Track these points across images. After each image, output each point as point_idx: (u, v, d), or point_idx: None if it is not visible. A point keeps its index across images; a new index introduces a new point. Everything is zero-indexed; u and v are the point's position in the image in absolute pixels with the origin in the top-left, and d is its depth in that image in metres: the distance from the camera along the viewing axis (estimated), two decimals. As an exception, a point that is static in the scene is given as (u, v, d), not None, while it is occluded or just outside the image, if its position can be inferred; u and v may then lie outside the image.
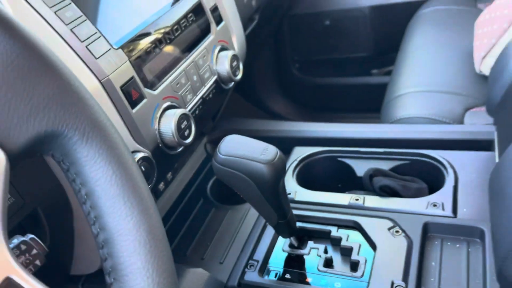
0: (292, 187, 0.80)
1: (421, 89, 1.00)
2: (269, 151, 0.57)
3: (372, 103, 1.39)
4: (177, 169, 0.88)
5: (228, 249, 0.74)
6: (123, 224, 0.29)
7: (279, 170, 0.57)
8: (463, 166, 0.75)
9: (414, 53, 1.15)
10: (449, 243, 0.64)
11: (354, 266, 0.64)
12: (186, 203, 0.87)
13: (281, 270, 0.67)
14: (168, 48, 0.69)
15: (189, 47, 0.73)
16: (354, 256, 0.64)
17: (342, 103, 1.78)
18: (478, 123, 0.88)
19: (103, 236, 0.29)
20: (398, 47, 1.31)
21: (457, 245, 0.64)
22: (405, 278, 0.59)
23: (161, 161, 0.67)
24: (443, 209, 0.68)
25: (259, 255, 0.69)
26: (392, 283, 0.59)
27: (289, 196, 0.77)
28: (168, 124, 0.64)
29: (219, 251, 0.75)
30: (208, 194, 0.89)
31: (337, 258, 0.66)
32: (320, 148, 0.87)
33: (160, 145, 0.66)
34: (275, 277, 0.66)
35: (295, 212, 0.68)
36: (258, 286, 0.64)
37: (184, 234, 0.81)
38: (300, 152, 0.88)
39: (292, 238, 0.67)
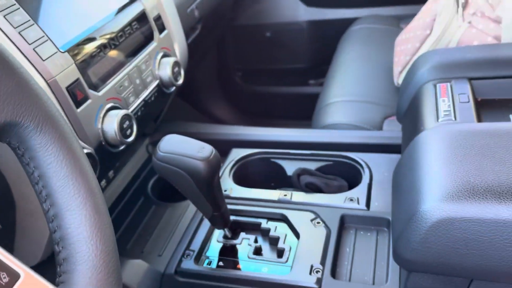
0: (228, 185, 0.87)
1: (347, 99, 1.11)
2: (205, 149, 0.64)
3: (309, 111, 1.50)
4: (119, 168, 0.92)
5: (167, 243, 0.80)
6: (71, 201, 0.34)
7: (214, 167, 0.63)
8: (378, 167, 0.86)
9: (343, 66, 1.27)
10: (361, 232, 0.74)
11: (280, 253, 0.71)
12: (127, 201, 0.91)
13: (216, 259, 0.73)
14: (113, 53, 0.73)
15: (133, 53, 0.78)
16: (280, 245, 0.72)
17: (282, 111, 1.88)
18: (395, 129, 1.00)
19: (53, 211, 0.34)
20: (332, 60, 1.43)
21: (368, 234, 0.73)
22: (323, 261, 0.68)
23: (103, 159, 0.72)
24: (358, 203, 0.77)
25: (195, 245, 0.75)
26: (312, 266, 0.67)
27: (225, 192, 0.84)
28: (111, 123, 0.69)
29: (158, 245, 0.80)
30: (149, 193, 0.94)
31: (265, 247, 0.74)
32: (255, 150, 0.95)
33: (103, 143, 0.70)
34: (210, 264, 0.72)
35: (230, 207, 0.75)
36: (194, 273, 0.70)
37: (125, 230, 0.85)
38: (237, 154, 0.95)
39: (226, 229, 0.74)
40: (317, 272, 0.66)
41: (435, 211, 0.51)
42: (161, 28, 0.87)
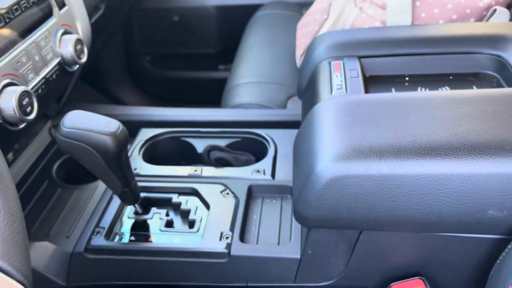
0: (138, 164, 0.87)
1: (254, 80, 1.16)
2: (112, 124, 0.64)
3: (219, 96, 1.53)
4: (19, 151, 0.88)
5: (75, 224, 0.78)
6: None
7: (121, 141, 0.64)
8: (282, 141, 0.92)
9: (250, 50, 1.32)
10: (267, 200, 0.79)
11: (191, 224, 0.74)
12: (29, 185, 0.87)
13: (127, 234, 0.74)
14: (7, 28, 0.70)
15: (31, 28, 0.75)
16: (191, 216, 0.75)
17: (192, 95, 1.89)
18: (297, 108, 1.07)
19: None
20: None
21: (274, 201, 0.79)
22: (232, 228, 0.72)
23: (1, 139, 0.68)
24: (264, 174, 0.82)
25: (106, 223, 0.75)
26: (221, 233, 0.71)
27: (135, 171, 0.84)
28: (9, 100, 0.66)
29: (65, 227, 0.78)
30: (53, 176, 0.91)
31: (177, 220, 0.76)
32: (164, 129, 0.96)
33: (1, 121, 0.67)
34: (121, 240, 0.73)
35: (140, 184, 0.76)
36: (104, 249, 0.70)
37: (28, 214, 0.82)
38: (146, 134, 0.96)
39: (136, 205, 0.75)
40: (226, 238, 0.70)
41: (328, 170, 0.57)
42: (61, 4, 0.83)
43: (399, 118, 0.60)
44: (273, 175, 0.83)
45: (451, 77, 0.78)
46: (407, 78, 0.79)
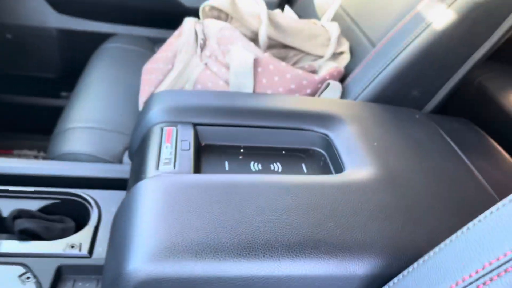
0: None
1: (89, 125, 1.04)
2: None
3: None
4: None
5: None
6: None
7: None
8: (109, 205, 0.82)
9: (90, 87, 1.19)
10: (80, 283, 0.68)
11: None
12: None
13: None
14: None
15: None
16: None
17: (29, 123, 1.66)
18: (135, 161, 0.98)
19: None
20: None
21: (87, 284, 0.68)
22: (27, 326, 0.60)
23: None
24: (80, 249, 0.72)
25: None
26: (11, 335, 0.58)
27: None
28: None
29: None
30: None
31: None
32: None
33: None
34: None
35: None
36: None
37: None
38: None
39: None
40: None
41: (138, 272, 0.50)
42: None
43: (223, 208, 0.57)
44: (90, 251, 0.72)
45: (283, 152, 0.78)
46: (241, 150, 0.77)
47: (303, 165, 0.75)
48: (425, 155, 0.75)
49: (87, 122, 1.05)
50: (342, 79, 1.01)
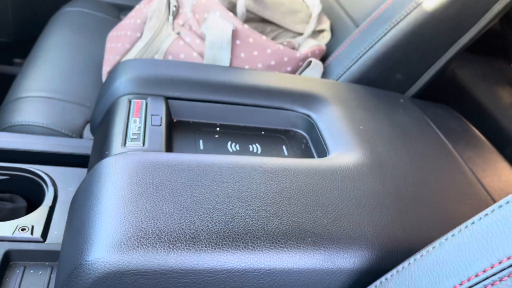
0: None
1: (45, 95, 0.94)
2: None
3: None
4: None
5: None
6: None
7: None
8: (67, 183, 0.74)
9: (46, 53, 1.08)
10: (31, 271, 0.60)
11: None
12: None
13: None
14: None
15: None
16: None
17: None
18: (96, 136, 0.89)
19: None
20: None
21: (40, 272, 0.61)
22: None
23: None
24: (32, 233, 0.63)
25: None
26: None
27: None
28: None
29: None
30: None
31: None
32: None
33: None
34: None
35: None
36: None
37: None
38: None
39: None
40: None
41: (101, 263, 0.43)
42: None
43: (199, 193, 0.50)
44: (44, 234, 0.64)
45: (263, 132, 0.72)
46: (218, 129, 0.70)
47: (284, 147, 0.70)
48: (412, 141, 0.71)
49: (43, 92, 0.95)
50: (323, 58, 0.96)
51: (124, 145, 0.58)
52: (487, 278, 0.37)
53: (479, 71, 1.40)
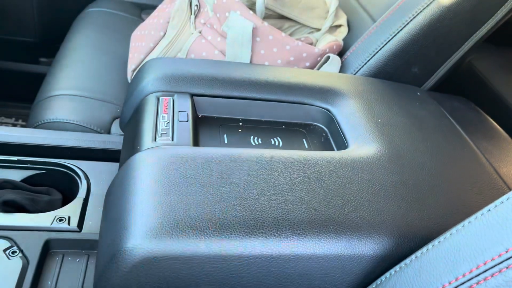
0: None
1: (73, 93, 0.99)
2: None
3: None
4: None
5: None
6: None
7: None
8: (98, 177, 0.78)
9: (73, 53, 1.13)
10: (69, 258, 0.65)
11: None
12: None
13: None
14: None
15: None
16: (-44, 287, 0.56)
17: (6, 91, 1.58)
18: (124, 132, 0.93)
19: None
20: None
21: (78, 260, 0.65)
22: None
23: None
24: (68, 223, 0.68)
25: None
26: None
27: None
28: None
29: None
30: None
31: None
32: None
33: None
34: None
35: None
36: None
37: None
38: None
39: None
40: (3, 320, 0.54)
41: (138, 250, 0.47)
42: None
43: (227, 184, 0.54)
44: (80, 224, 0.68)
45: (284, 126, 0.75)
46: (240, 124, 0.73)
47: (304, 141, 0.73)
48: (429, 133, 0.73)
49: (72, 90, 1.00)
50: (340, 53, 0.98)
51: (155, 140, 0.61)
52: (502, 262, 0.40)
53: (497, 62, 1.39)
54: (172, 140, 0.62)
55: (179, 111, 0.67)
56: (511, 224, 0.40)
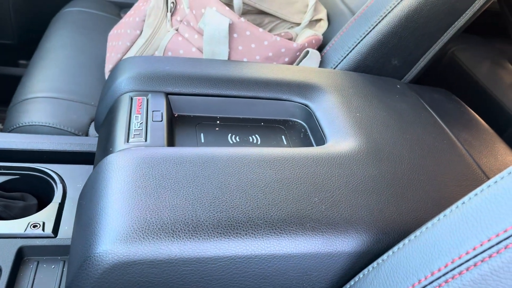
0: None
1: (49, 95, 0.96)
2: None
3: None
4: None
5: None
6: None
7: None
8: (76, 180, 0.76)
9: (50, 54, 1.10)
10: (45, 265, 0.63)
11: None
12: None
13: None
14: None
15: None
16: None
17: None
18: (102, 134, 0.92)
19: None
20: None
21: (53, 266, 0.63)
22: (-14, 314, 0.55)
23: None
24: (43, 229, 0.66)
25: None
26: (-32, 324, 0.53)
27: None
28: None
29: None
30: None
31: None
32: None
33: None
34: None
35: None
36: None
37: None
38: None
39: None
40: (-26, 331, 0.53)
41: (108, 255, 0.45)
42: None
43: (200, 184, 0.52)
44: (55, 230, 0.67)
45: (262, 123, 0.74)
46: (218, 122, 0.72)
47: (283, 137, 0.72)
48: (408, 126, 0.72)
49: (49, 92, 0.98)
50: (320, 48, 0.97)
51: (127, 142, 0.60)
52: (477, 255, 0.39)
53: (479, 53, 1.40)
54: (146, 140, 0.61)
55: (153, 111, 0.65)
56: (485, 217, 0.40)
